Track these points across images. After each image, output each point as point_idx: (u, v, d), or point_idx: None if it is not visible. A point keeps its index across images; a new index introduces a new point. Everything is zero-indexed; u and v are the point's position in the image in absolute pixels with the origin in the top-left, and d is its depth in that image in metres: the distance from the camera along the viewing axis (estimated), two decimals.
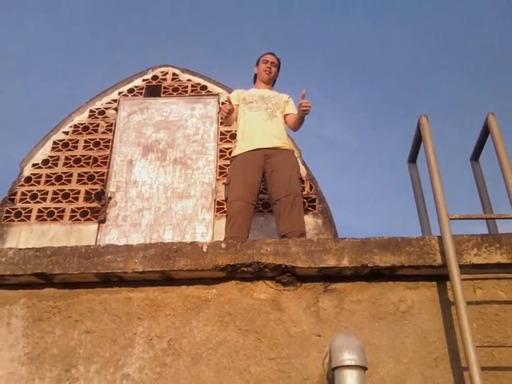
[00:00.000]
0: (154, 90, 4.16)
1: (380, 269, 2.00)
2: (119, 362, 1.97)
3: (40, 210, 3.66)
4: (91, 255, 2.11)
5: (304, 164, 3.70)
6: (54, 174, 3.81)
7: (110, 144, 3.93)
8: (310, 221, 3.41)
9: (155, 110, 4.05)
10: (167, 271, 2.06)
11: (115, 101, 4.12)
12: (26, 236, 3.55)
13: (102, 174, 3.80)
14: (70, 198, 3.70)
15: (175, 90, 4.13)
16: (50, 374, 1.98)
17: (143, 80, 4.21)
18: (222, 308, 2.04)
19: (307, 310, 2.01)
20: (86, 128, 4.02)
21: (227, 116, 3.03)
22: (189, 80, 4.18)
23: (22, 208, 3.67)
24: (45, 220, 3.62)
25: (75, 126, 4.03)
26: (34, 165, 3.86)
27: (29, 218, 3.63)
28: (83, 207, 3.66)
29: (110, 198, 3.68)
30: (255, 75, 3.39)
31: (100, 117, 4.06)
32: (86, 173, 3.81)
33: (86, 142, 3.95)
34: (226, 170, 3.52)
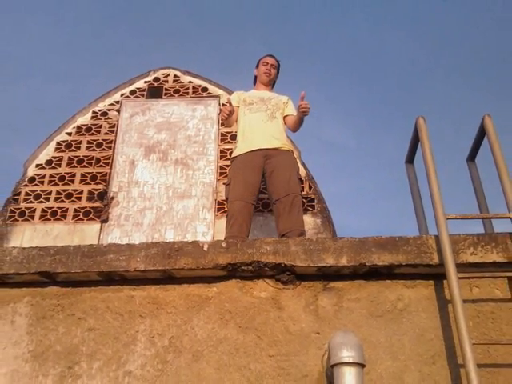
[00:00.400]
0: (155, 92, 4.19)
1: (378, 267, 2.02)
2: (121, 360, 2.00)
3: (43, 210, 3.69)
4: (94, 254, 2.14)
5: (303, 164, 3.73)
6: (57, 174, 3.85)
7: (113, 145, 3.96)
8: (309, 220, 3.44)
9: (157, 111, 4.08)
10: (169, 270, 2.08)
11: (117, 102, 4.15)
12: (29, 235, 3.58)
13: (105, 175, 3.83)
14: (73, 198, 3.74)
15: (176, 91, 4.16)
16: (53, 370, 2.01)
17: (145, 82, 4.24)
18: (223, 306, 2.06)
19: (306, 308, 2.03)
20: (88, 129, 4.05)
21: (228, 117, 3.06)
22: (190, 82, 4.21)
23: (25, 208, 3.71)
24: (48, 219, 3.65)
25: (78, 127, 4.06)
26: (37, 165, 3.89)
27: (32, 217, 3.67)
28: (86, 207, 3.70)
29: (113, 198, 3.71)
30: (255, 77, 3.42)
31: (102, 118, 4.09)
32: (88, 173, 3.84)
33: (88, 142, 3.98)
34: (227, 171, 3.54)
